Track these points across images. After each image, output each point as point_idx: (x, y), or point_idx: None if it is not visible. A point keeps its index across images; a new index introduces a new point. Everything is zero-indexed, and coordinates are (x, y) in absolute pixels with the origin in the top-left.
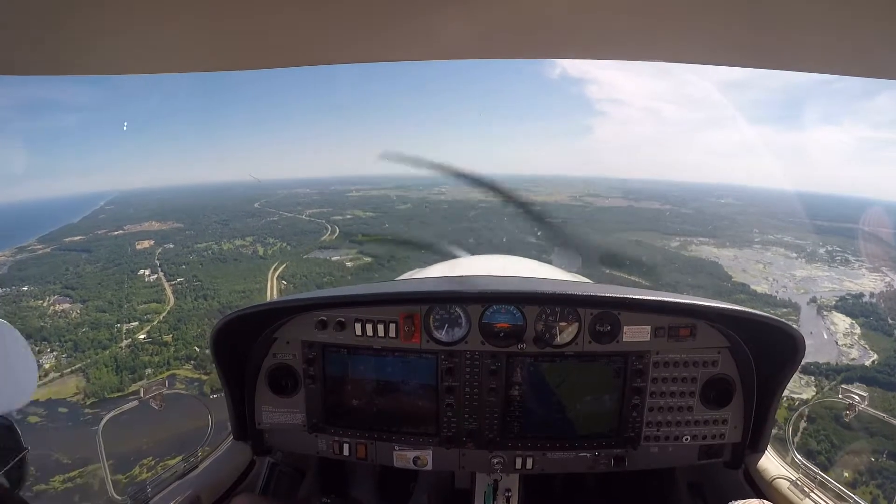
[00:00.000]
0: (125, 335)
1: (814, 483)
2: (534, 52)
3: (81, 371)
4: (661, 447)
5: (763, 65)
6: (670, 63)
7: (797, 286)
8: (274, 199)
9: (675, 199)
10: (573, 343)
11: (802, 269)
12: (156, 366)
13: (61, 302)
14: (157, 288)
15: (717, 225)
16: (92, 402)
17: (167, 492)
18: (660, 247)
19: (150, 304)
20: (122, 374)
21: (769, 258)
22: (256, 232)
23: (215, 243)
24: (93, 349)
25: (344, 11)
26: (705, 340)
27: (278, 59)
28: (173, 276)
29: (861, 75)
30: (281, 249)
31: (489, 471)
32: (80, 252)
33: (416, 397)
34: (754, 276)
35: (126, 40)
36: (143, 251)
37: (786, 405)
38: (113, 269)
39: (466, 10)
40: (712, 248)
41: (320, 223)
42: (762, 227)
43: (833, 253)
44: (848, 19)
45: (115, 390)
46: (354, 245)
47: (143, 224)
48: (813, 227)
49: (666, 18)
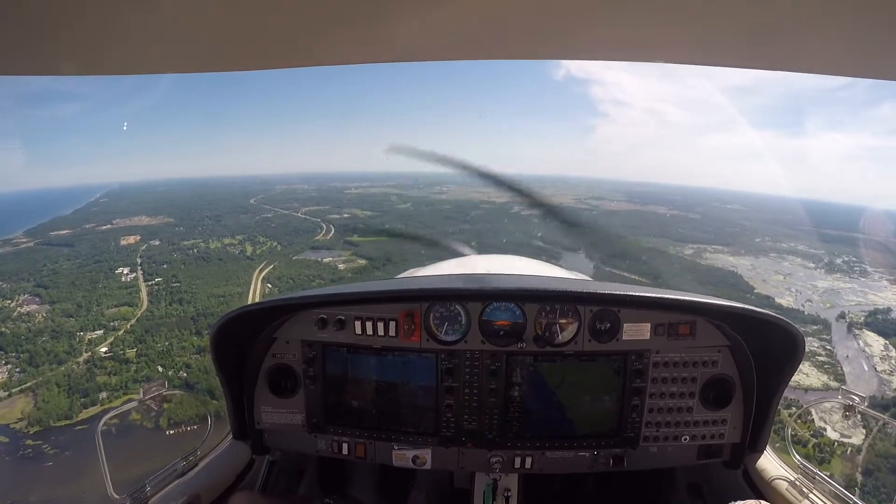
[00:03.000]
0: (86, 346)
1: (812, 483)
2: (534, 53)
3: (32, 391)
4: (661, 447)
5: (765, 66)
6: (673, 64)
7: (822, 299)
8: (271, 194)
9: (680, 204)
10: (573, 342)
11: (824, 281)
12: (112, 388)
13: (29, 302)
14: (132, 289)
15: (729, 232)
16: (36, 431)
17: (167, 490)
18: (674, 254)
19: (122, 307)
20: (74, 398)
21: (787, 268)
22: (248, 230)
23: (203, 241)
24: (48, 364)
25: (344, 11)
26: (705, 339)
27: (279, 60)
28: (152, 275)
29: (865, 76)
30: (270, 249)
31: (488, 470)
32: (62, 247)
33: (416, 397)
34: (776, 288)
35: (126, 40)
36: (127, 247)
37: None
38: (92, 265)
39: (468, 11)
40: (728, 257)
41: (315, 222)
42: (773, 235)
43: (851, 263)
44: (849, 21)
45: (63, 417)
46: (349, 246)
47: (133, 219)
48: (823, 235)
49: (668, 19)
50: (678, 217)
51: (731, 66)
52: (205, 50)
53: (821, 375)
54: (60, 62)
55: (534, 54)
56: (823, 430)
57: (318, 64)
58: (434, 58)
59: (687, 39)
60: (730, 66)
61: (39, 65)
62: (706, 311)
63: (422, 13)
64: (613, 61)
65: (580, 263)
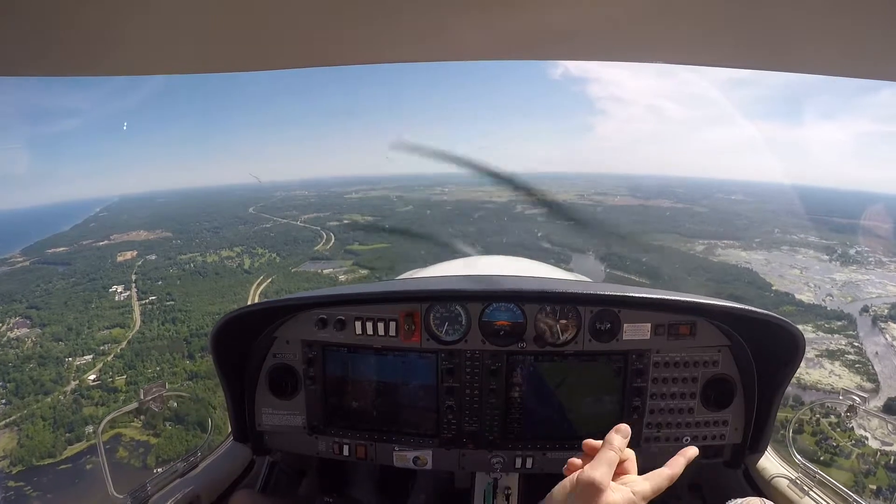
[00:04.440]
0: (74, 374)
1: (813, 482)
2: (534, 54)
3: (17, 425)
4: (661, 448)
5: (765, 66)
6: (670, 65)
7: (842, 293)
8: (270, 202)
9: (685, 197)
10: (573, 341)
11: (840, 273)
12: (99, 421)
13: (20, 325)
14: (125, 309)
15: (737, 224)
16: (18, 471)
17: (167, 490)
18: (685, 251)
19: (113, 329)
20: (59, 433)
21: (802, 261)
22: (247, 241)
23: (200, 254)
24: (33, 395)
25: (345, 11)
26: (705, 339)
27: (279, 61)
28: (146, 293)
29: (865, 77)
30: (269, 261)
31: (489, 470)
32: (57, 265)
33: (417, 398)
34: (794, 283)
35: (126, 40)
36: (123, 263)
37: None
38: (86, 284)
39: (467, 12)
40: (740, 252)
41: (315, 230)
42: (783, 226)
43: (864, 254)
44: (849, 21)
45: (47, 455)
46: (350, 255)
47: (131, 233)
48: (833, 224)
49: (665, 20)
50: (685, 211)
51: (731, 66)
52: (205, 50)
53: (853, 376)
54: (59, 63)
55: (532, 55)
56: (865, 440)
57: (319, 65)
58: (432, 59)
59: (686, 40)
60: (730, 67)
61: (38, 66)
62: (706, 311)
63: (420, 14)
64: (612, 62)
65: (588, 265)
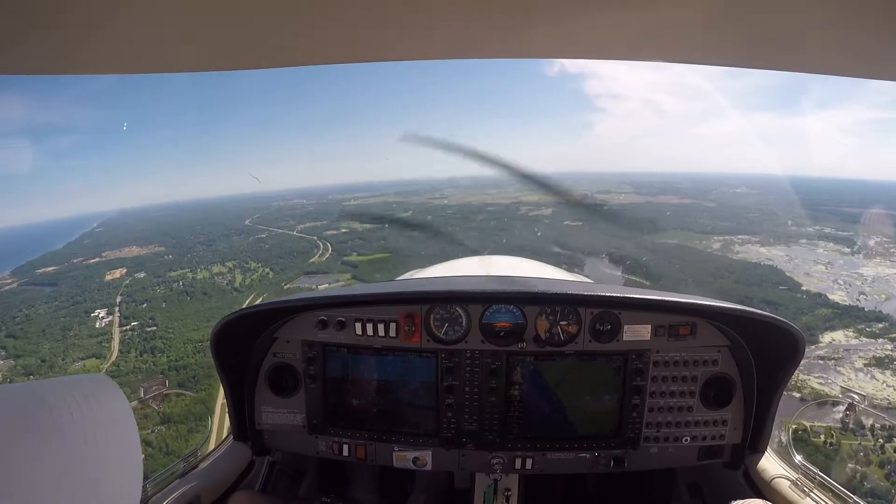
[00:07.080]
0: None
1: (813, 483)
2: (532, 53)
3: None
4: (661, 448)
5: (764, 66)
6: (668, 63)
7: (874, 290)
8: (268, 212)
9: (692, 192)
10: (573, 341)
11: (866, 268)
12: None
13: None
14: (103, 337)
15: (749, 218)
16: None
17: (166, 490)
18: (701, 250)
19: (88, 360)
20: None
21: (824, 256)
22: (240, 254)
23: (190, 271)
24: None
25: (345, 11)
26: (705, 339)
27: (279, 59)
28: (128, 318)
29: (865, 77)
30: (261, 277)
31: (489, 471)
32: (44, 286)
33: (417, 396)
34: (822, 281)
35: (126, 40)
36: (110, 283)
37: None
38: (68, 308)
39: (465, 10)
40: (759, 248)
41: (311, 240)
42: (795, 217)
43: (885, 244)
44: (849, 21)
45: None
46: (347, 267)
47: (123, 249)
48: (844, 214)
49: (663, 18)
50: (694, 206)
51: (731, 65)
52: (204, 50)
53: None
54: (59, 62)
55: (528, 53)
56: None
57: (319, 63)
58: (429, 57)
59: (685, 39)
60: (729, 66)
61: (38, 64)
62: (706, 312)
63: (418, 13)
64: (610, 60)
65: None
